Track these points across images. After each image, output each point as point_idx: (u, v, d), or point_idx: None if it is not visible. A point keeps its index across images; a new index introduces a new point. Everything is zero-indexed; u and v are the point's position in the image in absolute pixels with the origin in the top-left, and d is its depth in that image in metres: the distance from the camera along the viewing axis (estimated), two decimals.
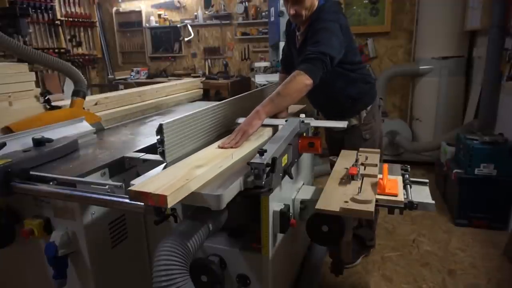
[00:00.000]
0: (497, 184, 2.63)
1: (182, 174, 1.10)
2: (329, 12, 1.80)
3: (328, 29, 1.72)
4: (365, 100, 2.04)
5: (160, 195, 0.94)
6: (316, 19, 1.80)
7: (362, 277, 2.21)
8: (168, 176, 1.08)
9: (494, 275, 2.18)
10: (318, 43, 1.68)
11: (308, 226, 1.31)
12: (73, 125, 1.81)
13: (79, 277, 1.36)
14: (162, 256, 0.98)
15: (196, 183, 1.08)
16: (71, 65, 2.11)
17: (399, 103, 4.54)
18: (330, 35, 1.70)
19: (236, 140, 1.44)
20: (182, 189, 1.00)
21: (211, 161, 1.23)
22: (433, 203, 1.31)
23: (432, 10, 3.83)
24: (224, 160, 1.26)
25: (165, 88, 2.90)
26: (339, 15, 1.84)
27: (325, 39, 1.69)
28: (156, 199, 0.95)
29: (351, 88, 1.98)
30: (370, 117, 2.06)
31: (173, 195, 0.96)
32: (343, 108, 2.02)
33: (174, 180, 1.04)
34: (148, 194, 0.96)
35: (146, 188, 0.98)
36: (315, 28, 1.75)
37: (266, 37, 4.88)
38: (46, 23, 5.07)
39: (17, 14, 3.27)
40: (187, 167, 1.17)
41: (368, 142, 2.03)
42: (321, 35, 1.70)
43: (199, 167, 1.16)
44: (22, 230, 1.28)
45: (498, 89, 3.05)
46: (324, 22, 1.74)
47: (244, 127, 1.50)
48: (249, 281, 1.36)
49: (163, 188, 0.98)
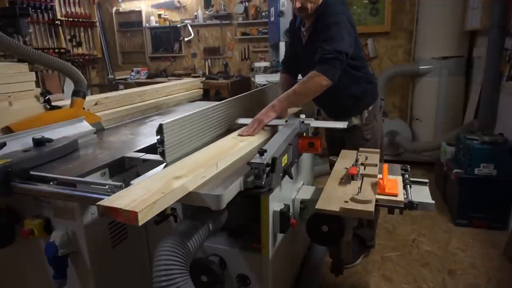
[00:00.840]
0: (497, 184, 2.63)
1: (159, 186, 1.01)
2: (335, 4, 1.80)
3: (339, 23, 1.71)
4: (367, 100, 2.04)
5: (131, 211, 0.85)
6: (322, 13, 1.79)
7: (362, 277, 2.20)
8: (144, 189, 0.99)
9: (494, 275, 2.17)
10: (332, 40, 1.66)
11: (308, 226, 1.31)
12: (73, 125, 1.81)
13: (79, 277, 1.36)
14: (162, 256, 0.98)
15: (173, 197, 0.99)
16: (71, 65, 2.11)
17: (399, 103, 4.54)
18: (341, 29, 1.70)
19: (253, 128, 1.59)
20: (155, 204, 0.91)
21: (193, 170, 1.14)
22: (433, 203, 1.31)
23: (432, 10, 3.83)
24: (208, 170, 1.18)
25: (165, 88, 2.90)
26: (344, 7, 1.84)
27: (338, 35, 1.68)
28: (126, 216, 0.86)
29: (354, 87, 1.97)
30: (371, 117, 2.06)
31: (144, 212, 0.87)
32: (346, 107, 2.02)
33: (148, 194, 0.95)
34: (118, 210, 0.87)
35: (116, 203, 0.89)
36: (325, 23, 1.74)
37: (266, 37, 4.87)
38: (46, 23, 5.06)
39: (17, 14, 3.27)
40: (167, 177, 1.08)
41: (369, 142, 2.03)
42: (333, 30, 1.69)
43: (178, 178, 1.07)
44: (22, 230, 1.28)
45: (498, 89, 3.05)
46: (333, 16, 1.74)
47: (260, 117, 1.64)
48: (249, 281, 1.36)
49: (134, 203, 0.89)
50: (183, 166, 1.19)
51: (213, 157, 1.28)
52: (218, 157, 1.29)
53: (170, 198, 0.98)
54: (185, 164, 1.21)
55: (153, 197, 0.93)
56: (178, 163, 1.24)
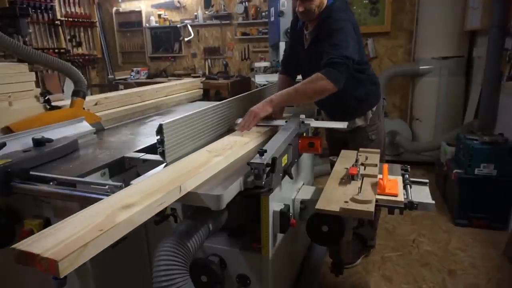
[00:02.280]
0: (497, 184, 2.63)
1: (99, 220, 0.79)
2: (340, 10, 1.79)
3: (344, 30, 1.70)
4: (371, 101, 2.04)
5: (50, 259, 0.65)
6: (327, 17, 1.78)
7: (362, 277, 2.20)
8: (80, 223, 0.79)
9: (494, 275, 2.17)
10: (338, 46, 1.65)
11: (308, 226, 1.31)
12: (73, 125, 1.81)
13: (79, 277, 1.36)
14: (162, 256, 0.98)
15: (114, 235, 0.78)
16: (71, 65, 2.11)
17: (399, 103, 4.54)
18: (346, 36, 1.69)
19: (248, 122, 1.58)
20: (86, 248, 0.70)
21: (149, 196, 0.93)
22: (433, 203, 1.31)
23: (432, 10, 3.83)
24: (168, 195, 0.96)
25: (165, 88, 2.90)
26: (349, 13, 1.83)
27: (344, 42, 1.67)
28: (45, 265, 0.66)
29: (358, 89, 1.97)
30: (375, 118, 2.06)
31: (69, 260, 0.66)
32: (350, 109, 2.02)
33: (82, 232, 0.74)
34: (35, 257, 0.67)
35: (36, 246, 0.69)
36: (330, 29, 1.73)
37: (266, 37, 4.87)
38: (46, 23, 5.07)
39: (17, 14, 3.26)
40: (114, 207, 0.87)
41: (374, 143, 2.03)
42: (338, 37, 1.68)
43: (128, 208, 0.86)
44: (22, 230, 1.27)
45: (498, 89, 3.05)
46: (338, 22, 1.73)
47: (256, 110, 1.61)
48: (249, 281, 1.36)
49: (57, 248, 0.68)
50: (138, 190, 0.98)
51: (178, 177, 1.08)
52: (184, 177, 1.08)
53: (109, 237, 0.77)
54: (141, 187, 1.00)
55: (85, 237, 0.73)
56: (132, 187, 1.02)
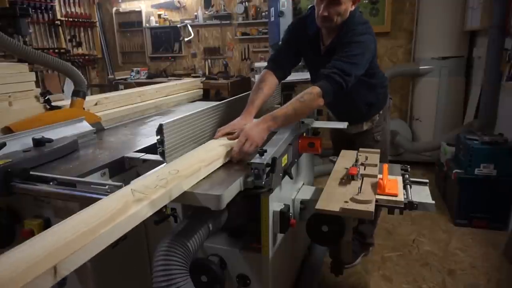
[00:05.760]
0: (497, 184, 2.63)
1: (45, 253, 0.66)
2: (360, 23, 1.71)
3: (362, 44, 1.63)
4: (380, 105, 2.05)
5: None
6: (347, 31, 1.68)
7: (362, 277, 2.20)
8: (21, 259, 0.65)
9: (494, 275, 2.17)
10: (350, 59, 1.58)
11: (308, 226, 1.31)
12: (73, 125, 1.81)
13: (79, 277, 1.36)
14: (162, 256, 0.98)
15: None
16: (71, 65, 2.12)
17: (399, 103, 4.53)
18: (363, 50, 1.62)
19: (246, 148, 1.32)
20: None
21: (105, 223, 0.77)
22: (433, 203, 1.31)
23: (432, 10, 3.83)
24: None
25: (165, 88, 2.90)
26: (368, 25, 1.76)
27: (358, 56, 1.59)
28: None
29: (370, 94, 1.96)
30: (381, 120, 2.07)
31: None
32: (361, 114, 2.02)
33: (22, 268, 0.62)
34: None
35: None
36: (349, 40, 1.63)
37: (266, 37, 4.87)
38: (46, 23, 5.06)
39: (17, 14, 3.26)
40: (69, 236, 0.73)
41: (379, 144, 2.04)
42: (354, 49, 1.60)
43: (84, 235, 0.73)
44: (22, 230, 1.27)
45: (498, 89, 3.05)
46: (359, 36, 1.65)
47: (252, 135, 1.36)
48: (249, 281, 1.37)
49: None
50: (93, 215, 0.83)
51: (115, 213, 0.86)
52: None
53: None
54: (96, 213, 0.84)
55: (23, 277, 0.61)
56: (85, 210, 0.88)
